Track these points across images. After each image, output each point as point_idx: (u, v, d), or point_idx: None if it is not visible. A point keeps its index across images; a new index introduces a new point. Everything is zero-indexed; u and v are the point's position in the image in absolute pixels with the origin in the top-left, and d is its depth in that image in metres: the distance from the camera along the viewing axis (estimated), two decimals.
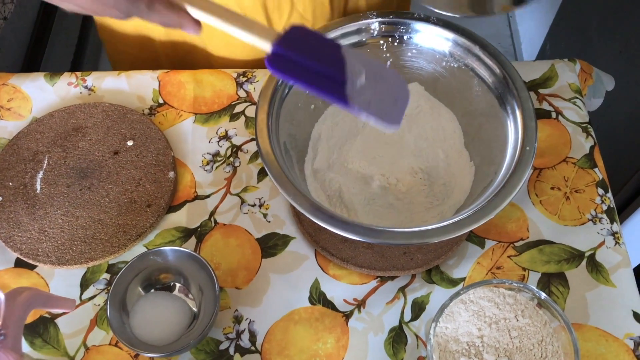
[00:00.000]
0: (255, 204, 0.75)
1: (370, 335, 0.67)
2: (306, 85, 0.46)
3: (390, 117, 0.47)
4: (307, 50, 0.47)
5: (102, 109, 0.81)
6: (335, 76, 0.45)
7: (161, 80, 0.84)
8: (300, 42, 0.47)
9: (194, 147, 0.79)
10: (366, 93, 0.46)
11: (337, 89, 0.45)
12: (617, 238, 0.72)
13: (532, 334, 0.60)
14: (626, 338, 0.66)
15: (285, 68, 0.46)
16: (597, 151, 0.78)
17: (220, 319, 0.68)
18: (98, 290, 0.70)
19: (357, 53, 0.48)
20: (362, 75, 0.46)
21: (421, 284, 0.70)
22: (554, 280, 0.70)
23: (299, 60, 0.46)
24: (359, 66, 0.46)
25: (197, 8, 0.48)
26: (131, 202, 0.73)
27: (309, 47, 0.47)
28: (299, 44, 0.47)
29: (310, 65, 0.46)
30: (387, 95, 0.47)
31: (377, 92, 0.46)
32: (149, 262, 0.66)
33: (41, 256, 0.70)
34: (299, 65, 0.46)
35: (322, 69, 0.46)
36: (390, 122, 0.47)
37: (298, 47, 0.47)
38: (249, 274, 0.70)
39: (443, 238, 0.58)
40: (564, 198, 0.75)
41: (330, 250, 0.70)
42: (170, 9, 0.48)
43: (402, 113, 0.48)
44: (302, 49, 0.47)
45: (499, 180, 0.61)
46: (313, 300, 0.69)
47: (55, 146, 0.78)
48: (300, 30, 0.48)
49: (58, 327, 0.67)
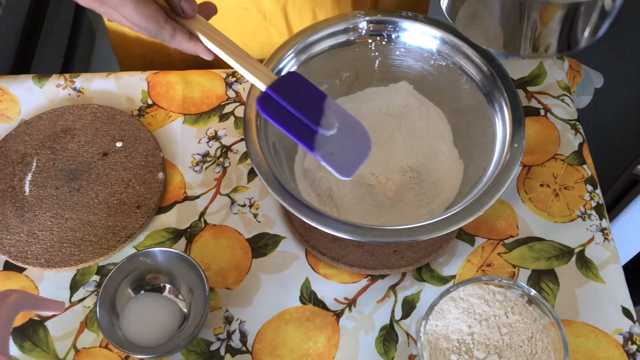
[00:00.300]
0: (246, 204, 0.75)
1: (361, 334, 0.67)
2: (283, 128, 0.53)
3: (345, 169, 0.54)
4: (294, 98, 0.54)
5: (91, 111, 0.80)
6: (309, 125, 0.53)
7: (150, 81, 0.84)
8: (291, 89, 0.55)
9: (184, 148, 0.79)
10: (332, 144, 0.54)
11: (309, 136, 0.53)
12: (606, 234, 0.72)
13: (522, 331, 0.60)
14: (615, 333, 0.66)
15: (271, 109, 0.54)
16: (586, 148, 0.79)
17: (211, 319, 0.68)
18: (88, 293, 0.69)
19: (338, 107, 0.55)
20: (334, 128, 0.54)
21: (411, 282, 0.70)
22: (544, 276, 0.70)
23: (284, 105, 0.54)
24: (334, 120, 0.54)
25: (210, 41, 0.54)
26: (120, 204, 0.73)
27: (297, 95, 0.55)
28: (289, 90, 0.55)
29: (292, 112, 0.54)
30: (350, 149, 0.54)
31: (342, 145, 0.54)
32: (139, 263, 0.66)
33: (30, 259, 0.70)
34: (283, 109, 0.54)
35: (301, 117, 0.53)
36: (343, 173, 0.54)
37: (288, 93, 0.54)
38: (240, 275, 0.70)
39: (432, 235, 0.58)
40: (553, 195, 0.75)
41: (321, 249, 0.70)
42: (189, 40, 0.54)
43: (358, 166, 0.55)
44: (290, 95, 0.54)
45: (487, 177, 0.61)
46: (304, 299, 0.69)
47: (44, 148, 0.77)
48: (295, 77, 0.56)
49: (48, 329, 0.67)
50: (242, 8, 0.80)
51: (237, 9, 0.80)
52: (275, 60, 0.68)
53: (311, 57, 0.71)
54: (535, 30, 0.56)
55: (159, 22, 0.52)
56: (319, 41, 0.71)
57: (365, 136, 0.56)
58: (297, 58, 0.70)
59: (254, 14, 0.81)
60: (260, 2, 0.79)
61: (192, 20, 0.54)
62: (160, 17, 0.52)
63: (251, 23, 0.82)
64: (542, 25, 0.56)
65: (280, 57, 0.68)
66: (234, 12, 0.80)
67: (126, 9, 0.50)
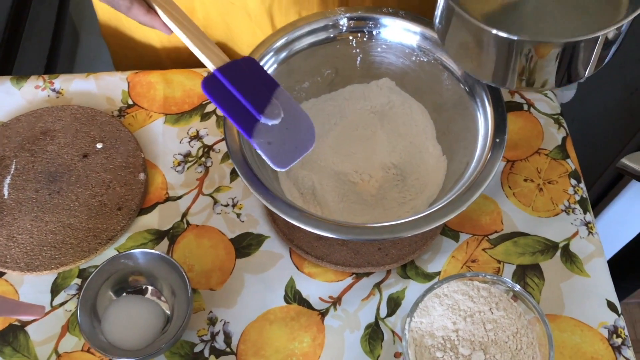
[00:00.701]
0: (228, 204, 0.74)
1: (347, 332, 0.66)
2: (224, 111, 0.53)
3: (281, 160, 0.54)
4: (242, 83, 0.54)
5: (71, 112, 0.79)
6: (252, 112, 0.53)
7: (130, 82, 0.83)
8: (241, 74, 0.54)
9: (165, 148, 0.78)
10: (272, 134, 0.54)
11: (249, 123, 0.53)
12: (590, 228, 0.72)
13: (507, 326, 0.60)
14: (600, 327, 0.66)
15: (215, 91, 0.53)
16: (570, 142, 0.79)
17: (195, 321, 0.67)
18: (69, 296, 0.68)
19: (288, 98, 0.55)
20: (277, 118, 0.54)
21: (396, 280, 0.69)
22: (529, 271, 0.70)
23: (230, 89, 0.53)
24: (279, 111, 0.54)
25: (167, 16, 0.54)
26: (101, 206, 0.72)
27: (247, 81, 0.54)
28: (239, 75, 0.54)
29: (237, 97, 0.53)
30: (290, 141, 0.54)
31: (282, 136, 0.54)
32: (120, 265, 0.65)
33: (9, 263, 0.69)
34: (228, 93, 0.53)
35: (245, 103, 0.53)
36: (277, 164, 0.54)
37: (237, 77, 0.54)
38: (223, 275, 0.70)
39: (414, 232, 0.57)
40: (537, 189, 0.75)
41: (305, 248, 0.70)
42: (146, 13, 0.54)
43: (295, 159, 0.55)
44: (239, 80, 0.54)
45: (469, 172, 0.61)
46: (288, 299, 0.68)
47: (23, 150, 0.76)
48: (249, 63, 0.55)
49: (28, 334, 0.66)
50: (229, 3, 0.79)
51: (224, 3, 0.79)
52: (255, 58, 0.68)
53: (291, 55, 0.70)
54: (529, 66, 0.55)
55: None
56: (299, 39, 0.70)
57: (310, 131, 0.56)
58: (276, 56, 0.69)
59: (239, 12, 0.80)
60: (246, 1, 0.78)
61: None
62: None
63: (236, 20, 0.81)
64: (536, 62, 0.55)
65: (260, 55, 0.68)
66: (220, 7, 0.79)
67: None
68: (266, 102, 0.54)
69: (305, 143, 0.55)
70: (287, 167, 0.54)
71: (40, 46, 1.55)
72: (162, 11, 0.54)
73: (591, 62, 0.55)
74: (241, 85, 0.53)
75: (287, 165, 0.54)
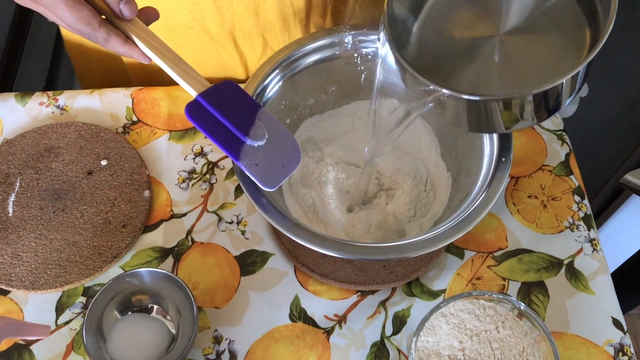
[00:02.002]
0: (233, 221, 0.74)
1: (352, 350, 0.66)
2: (210, 137, 0.53)
3: (269, 180, 0.54)
4: (225, 106, 0.54)
5: (75, 129, 0.79)
6: (237, 135, 0.53)
7: (134, 98, 0.83)
8: (223, 98, 0.54)
9: (169, 165, 0.78)
10: (259, 155, 0.54)
11: (236, 146, 0.53)
12: (595, 245, 0.72)
13: (513, 345, 0.60)
14: (606, 345, 0.66)
15: (199, 117, 0.53)
16: (573, 158, 0.79)
17: (200, 339, 0.67)
18: (74, 315, 0.68)
19: (271, 119, 0.56)
20: (262, 139, 0.54)
21: (401, 297, 0.69)
22: (534, 289, 0.70)
23: (214, 114, 0.53)
24: (263, 131, 0.54)
25: (145, 45, 0.53)
26: (106, 223, 0.72)
27: (229, 104, 0.54)
28: (221, 99, 0.54)
29: (221, 120, 0.53)
30: (277, 161, 0.55)
31: (269, 156, 0.54)
32: (125, 284, 0.65)
33: (14, 281, 0.68)
34: (212, 117, 0.53)
35: (230, 126, 0.53)
36: (266, 184, 0.54)
37: (219, 101, 0.54)
38: (228, 293, 0.69)
39: (421, 252, 0.57)
40: (541, 206, 0.75)
41: (310, 265, 0.70)
42: (124, 44, 0.53)
43: (283, 178, 0.55)
44: (221, 104, 0.54)
45: (475, 192, 0.61)
46: (294, 317, 0.68)
47: (27, 168, 0.76)
48: (229, 86, 0.55)
49: (33, 353, 0.66)
50: (187, 27, 0.78)
51: (184, 28, 0.79)
52: (260, 77, 0.68)
53: (296, 72, 0.71)
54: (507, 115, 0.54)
55: (92, 24, 0.51)
56: (304, 56, 0.71)
57: (296, 149, 0.56)
58: (282, 74, 0.69)
59: (200, 35, 0.79)
60: (205, 24, 0.77)
61: (129, 23, 0.53)
62: (93, 20, 0.51)
63: (200, 43, 0.81)
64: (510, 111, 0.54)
65: (265, 73, 0.68)
66: (182, 31, 0.79)
67: (59, 10, 0.50)
68: (250, 124, 0.54)
69: (292, 161, 0.56)
70: (276, 186, 0.54)
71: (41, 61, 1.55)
72: (140, 40, 0.53)
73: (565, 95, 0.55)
74: (224, 108, 0.54)
75: (276, 185, 0.54)
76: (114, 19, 0.53)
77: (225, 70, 0.85)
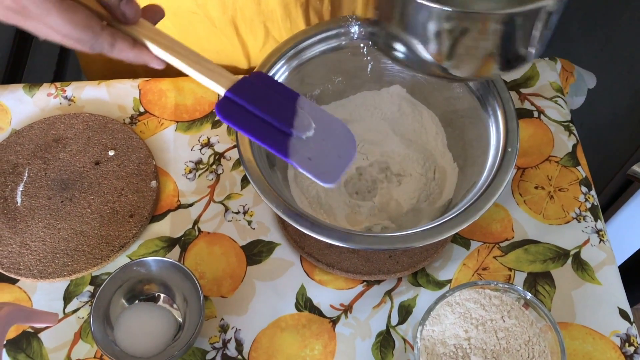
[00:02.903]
0: (240, 211, 0.74)
1: (358, 340, 0.66)
2: (251, 135, 0.47)
3: (328, 174, 0.47)
4: (260, 99, 0.48)
5: (83, 120, 0.80)
6: (281, 128, 0.47)
7: (142, 89, 0.84)
8: (255, 90, 0.48)
9: (176, 156, 0.78)
10: (310, 148, 0.47)
11: (282, 141, 0.47)
12: (602, 235, 0.72)
13: (518, 335, 0.60)
14: (612, 335, 0.66)
15: (233, 115, 0.47)
16: (580, 149, 0.79)
17: (206, 328, 0.67)
18: (82, 303, 0.69)
19: (313, 106, 0.49)
20: (310, 130, 0.48)
21: (407, 287, 0.69)
22: (540, 279, 0.70)
23: (250, 109, 0.47)
24: (309, 120, 0.48)
25: (158, 47, 0.48)
26: (113, 213, 0.73)
27: (264, 96, 0.48)
28: (254, 92, 0.48)
29: (260, 115, 0.47)
30: (331, 151, 0.48)
31: (321, 147, 0.48)
32: (132, 273, 0.65)
33: (23, 270, 0.69)
34: (248, 113, 0.47)
35: (271, 120, 0.47)
36: (326, 180, 0.47)
37: (252, 95, 0.48)
38: (234, 282, 0.70)
39: (427, 242, 0.57)
40: (548, 197, 0.75)
41: (316, 255, 0.70)
42: (132, 48, 0.47)
43: (343, 170, 0.48)
44: (256, 97, 0.48)
45: (481, 182, 0.61)
46: (299, 306, 0.68)
47: (36, 158, 0.77)
48: (259, 77, 0.49)
49: (42, 341, 0.66)
50: (190, 12, 0.77)
51: (187, 13, 0.77)
52: (266, 67, 0.68)
53: (303, 63, 0.71)
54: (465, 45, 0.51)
55: (93, 29, 0.44)
56: (310, 46, 0.71)
57: (349, 136, 0.50)
58: (288, 64, 0.69)
59: (203, 21, 0.79)
60: (207, 9, 0.76)
61: (135, 25, 0.47)
62: (94, 24, 0.45)
63: (203, 30, 0.80)
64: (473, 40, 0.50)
65: (271, 64, 0.68)
66: (186, 16, 0.78)
67: (51, 17, 0.43)
68: (292, 115, 0.48)
69: (348, 149, 0.49)
70: (337, 180, 0.48)
71: (50, 53, 1.56)
72: (151, 42, 0.47)
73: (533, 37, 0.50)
74: (259, 101, 0.47)
75: (336, 179, 0.48)
76: (116, 25, 0.47)
77: (228, 59, 0.85)
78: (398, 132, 0.75)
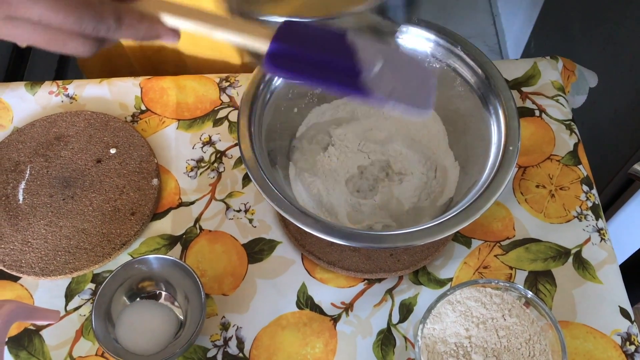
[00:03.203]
0: (241, 209, 0.74)
1: (359, 338, 0.67)
2: (317, 82, 0.42)
3: (419, 101, 0.42)
4: (310, 44, 0.42)
5: (84, 117, 0.80)
6: (348, 67, 0.41)
7: (143, 87, 0.84)
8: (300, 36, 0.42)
9: (178, 154, 0.78)
10: (387, 80, 0.42)
11: (352, 81, 0.41)
12: (603, 234, 0.72)
13: (519, 333, 0.60)
14: (613, 334, 0.66)
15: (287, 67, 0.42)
16: (581, 148, 0.79)
17: (207, 326, 0.67)
18: (83, 301, 0.69)
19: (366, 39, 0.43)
20: (378, 62, 0.42)
21: (408, 286, 0.69)
22: (541, 278, 0.70)
23: (304, 56, 0.42)
24: (373, 51, 0.42)
25: (175, 15, 0.43)
26: (115, 211, 0.73)
27: (312, 40, 0.42)
28: (298, 38, 0.42)
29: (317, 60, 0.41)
30: (409, 80, 0.43)
31: (397, 78, 0.42)
32: (134, 270, 0.65)
33: (25, 267, 0.69)
34: (304, 61, 0.42)
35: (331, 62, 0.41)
36: (420, 106, 0.42)
37: (299, 42, 0.42)
38: (236, 280, 0.70)
39: (428, 240, 0.58)
40: (549, 196, 0.75)
41: (317, 254, 0.70)
42: (142, 21, 0.42)
43: (430, 96, 0.43)
44: (304, 43, 0.42)
45: (482, 180, 0.61)
46: (300, 304, 0.68)
47: (37, 156, 0.77)
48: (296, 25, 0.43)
49: (43, 338, 0.66)
50: None
51: None
52: None
53: None
54: None
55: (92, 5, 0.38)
56: None
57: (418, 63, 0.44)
58: None
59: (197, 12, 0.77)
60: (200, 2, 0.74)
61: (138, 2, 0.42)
62: None
63: None
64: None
65: None
66: None
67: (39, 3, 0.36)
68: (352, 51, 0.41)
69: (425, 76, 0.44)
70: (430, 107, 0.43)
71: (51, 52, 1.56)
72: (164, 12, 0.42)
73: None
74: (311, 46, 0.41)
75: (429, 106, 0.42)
76: None
77: (221, 54, 0.84)
78: (400, 131, 0.75)
